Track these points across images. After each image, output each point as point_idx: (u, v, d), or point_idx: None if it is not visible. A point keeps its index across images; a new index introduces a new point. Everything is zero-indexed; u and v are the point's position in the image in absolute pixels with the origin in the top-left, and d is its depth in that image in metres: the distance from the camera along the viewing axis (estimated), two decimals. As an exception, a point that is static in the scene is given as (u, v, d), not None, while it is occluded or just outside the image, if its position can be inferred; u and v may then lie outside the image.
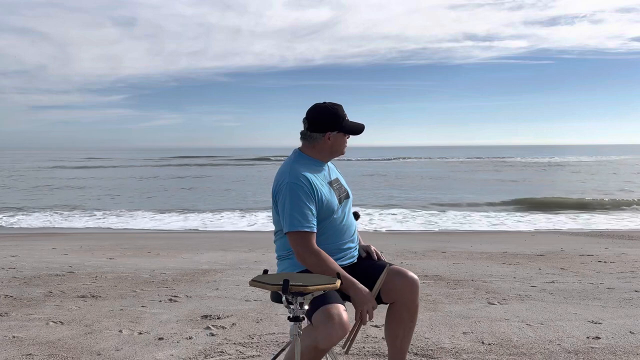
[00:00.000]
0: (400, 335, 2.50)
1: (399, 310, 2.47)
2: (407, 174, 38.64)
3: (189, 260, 7.09)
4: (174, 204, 19.75)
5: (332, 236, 2.46)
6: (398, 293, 2.43)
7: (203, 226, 14.17)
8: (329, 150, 2.52)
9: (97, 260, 7.04)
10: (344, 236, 2.51)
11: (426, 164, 58.38)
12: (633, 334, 3.60)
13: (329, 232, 2.45)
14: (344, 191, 2.56)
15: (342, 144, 2.54)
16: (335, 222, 2.46)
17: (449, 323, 3.86)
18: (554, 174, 38.53)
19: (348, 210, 2.56)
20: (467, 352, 3.24)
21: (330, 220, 2.44)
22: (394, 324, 2.50)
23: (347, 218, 2.54)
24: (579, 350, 3.26)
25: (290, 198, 2.33)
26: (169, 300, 4.60)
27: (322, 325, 2.15)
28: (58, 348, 3.30)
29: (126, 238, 10.80)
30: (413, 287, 2.44)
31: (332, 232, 2.46)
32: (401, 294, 2.43)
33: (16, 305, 4.37)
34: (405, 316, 2.47)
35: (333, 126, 2.48)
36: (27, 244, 9.22)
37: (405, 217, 15.53)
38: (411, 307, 2.46)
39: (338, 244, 2.48)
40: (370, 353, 3.22)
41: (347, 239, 2.51)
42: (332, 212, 2.43)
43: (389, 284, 2.42)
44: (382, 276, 2.41)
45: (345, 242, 2.51)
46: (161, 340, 3.46)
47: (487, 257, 7.40)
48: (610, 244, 9.14)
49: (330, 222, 2.44)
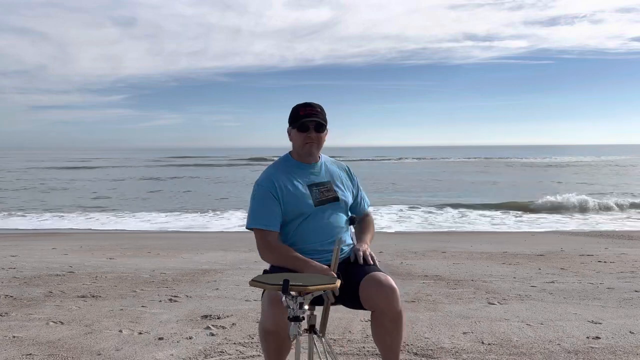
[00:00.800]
0: (387, 341, 2.46)
1: (379, 317, 2.43)
2: (407, 174, 38.65)
3: (189, 260, 7.09)
4: (174, 203, 19.75)
5: (307, 237, 2.51)
6: (375, 301, 2.38)
7: (202, 227, 14.18)
8: (295, 148, 2.63)
9: (97, 260, 7.04)
10: (321, 237, 2.52)
11: (426, 164, 58.41)
12: (633, 334, 3.60)
13: (303, 232, 2.51)
14: (331, 194, 2.57)
15: (297, 140, 2.58)
16: (308, 223, 2.51)
17: (449, 323, 3.86)
18: (557, 174, 38.51)
19: (331, 213, 2.56)
20: (467, 352, 3.24)
21: (302, 221, 2.51)
22: (378, 331, 2.48)
23: (328, 220, 2.54)
24: (579, 350, 3.26)
25: (253, 197, 2.55)
26: (169, 300, 4.60)
27: (265, 309, 2.30)
28: (58, 348, 3.30)
29: (126, 238, 10.80)
30: (389, 295, 2.36)
31: (306, 233, 2.51)
32: (378, 302, 2.37)
33: (16, 305, 4.37)
34: (387, 324, 2.41)
35: (289, 122, 2.60)
36: (27, 244, 9.22)
37: (405, 217, 15.53)
38: (391, 314, 2.39)
39: (314, 245, 2.50)
40: (370, 353, 3.22)
41: (325, 240, 2.52)
42: (300, 213, 2.50)
43: (364, 292, 2.38)
44: (334, 253, 2.40)
45: (323, 243, 2.51)
46: (161, 340, 3.46)
47: (487, 257, 7.40)
48: (610, 244, 9.14)
49: (303, 223, 2.51)
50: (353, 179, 2.75)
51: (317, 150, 2.61)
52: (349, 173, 2.74)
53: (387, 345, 2.46)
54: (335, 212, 2.59)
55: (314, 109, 2.55)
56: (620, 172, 39.59)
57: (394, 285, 2.38)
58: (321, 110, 2.58)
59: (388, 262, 6.91)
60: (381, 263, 2.66)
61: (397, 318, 2.40)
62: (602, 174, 36.67)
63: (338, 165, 2.74)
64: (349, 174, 2.74)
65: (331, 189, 2.60)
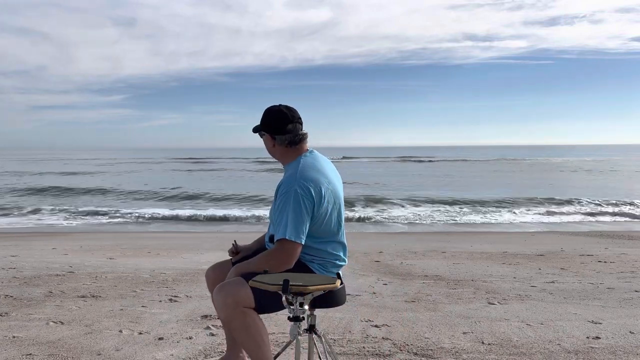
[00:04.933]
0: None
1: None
2: (407, 175, 38.65)
3: (189, 260, 7.09)
4: (173, 203, 19.76)
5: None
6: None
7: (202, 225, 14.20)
8: None
9: (97, 260, 7.04)
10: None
11: (426, 163, 58.36)
12: (633, 334, 3.60)
13: None
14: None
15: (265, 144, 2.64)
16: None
17: (449, 323, 3.86)
18: (559, 174, 38.52)
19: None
20: (467, 352, 3.24)
21: None
22: None
23: (272, 227, 2.57)
24: (579, 350, 3.26)
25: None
26: (169, 300, 4.60)
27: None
28: (58, 348, 3.30)
29: (126, 238, 10.80)
30: (216, 300, 2.41)
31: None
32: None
33: (16, 305, 4.37)
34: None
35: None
36: (27, 244, 9.22)
37: (405, 217, 15.53)
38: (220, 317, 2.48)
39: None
40: (371, 353, 3.22)
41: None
42: None
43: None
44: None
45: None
46: (161, 340, 3.46)
47: (487, 257, 7.40)
48: (610, 244, 9.14)
49: None
50: (276, 198, 2.47)
51: (271, 154, 2.63)
52: (276, 191, 2.48)
53: (243, 348, 2.49)
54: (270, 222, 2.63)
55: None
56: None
57: (221, 292, 2.36)
58: (264, 115, 2.58)
59: (388, 262, 6.91)
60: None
61: (225, 322, 2.45)
62: (600, 175, 36.65)
63: (282, 179, 2.50)
64: (276, 191, 2.48)
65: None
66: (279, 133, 2.53)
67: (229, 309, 2.31)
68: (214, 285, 2.67)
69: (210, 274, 2.76)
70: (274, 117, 2.54)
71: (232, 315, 2.31)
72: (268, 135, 2.56)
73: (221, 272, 2.69)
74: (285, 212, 2.35)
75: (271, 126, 2.54)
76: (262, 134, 2.60)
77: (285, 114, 2.54)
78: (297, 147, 2.54)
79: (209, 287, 2.77)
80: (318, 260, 2.50)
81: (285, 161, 2.57)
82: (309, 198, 2.36)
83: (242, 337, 2.33)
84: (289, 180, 2.41)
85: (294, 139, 2.52)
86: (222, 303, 2.32)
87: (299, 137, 2.53)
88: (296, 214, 2.34)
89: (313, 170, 2.45)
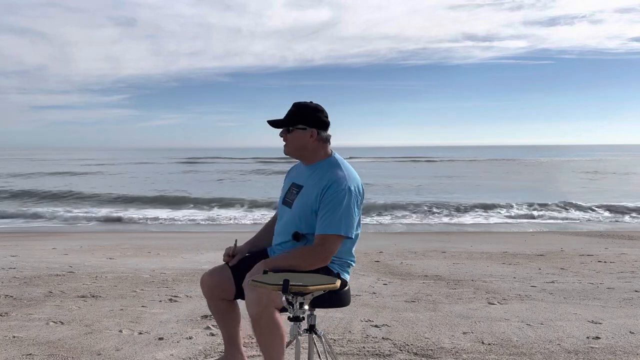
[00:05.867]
0: (259, 342, 2.51)
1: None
2: (406, 174, 38.64)
3: (189, 260, 7.09)
4: (174, 202, 19.75)
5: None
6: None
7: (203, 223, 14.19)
8: None
9: (97, 260, 7.04)
10: (275, 236, 2.65)
11: (426, 163, 58.36)
12: (633, 334, 3.60)
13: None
14: (292, 198, 2.56)
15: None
16: (278, 219, 2.69)
17: (449, 323, 3.86)
18: (560, 174, 38.52)
19: (288, 218, 2.56)
20: (467, 352, 3.24)
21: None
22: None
23: (284, 222, 2.57)
24: (579, 350, 3.26)
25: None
26: (169, 300, 4.60)
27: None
28: (58, 348, 3.30)
29: (126, 238, 10.80)
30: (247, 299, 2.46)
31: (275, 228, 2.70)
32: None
33: (16, 305, 4.37)
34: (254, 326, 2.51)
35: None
36: (27, 244, 9.21)
37: (405, 216, 15.53)
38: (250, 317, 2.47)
39: (274, 241, 2.67)
40: (371, 353, 3.22)
41: (274, 240, 2.65)
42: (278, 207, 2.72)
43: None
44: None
45: (272, 242, 2.67)
46: (161, 340, 3.46)
47: (487, 257, 7.40)
48: (610, 244, 9.14)
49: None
50: (322, 195, 2.41)
51: (288, 150, 2.57)
52: (324, 188, 2.42)
53: (260, 346, 2.46)
54: (290, 218, 2.54)
55: (289, 110, 2.55)
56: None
57: (250, 288, 2.33)
58: (293, 110, 2.53)
59: (388, 262, 6.91)
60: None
61: (254, 320, 2.37)
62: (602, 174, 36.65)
63: (329, 177, 2.45)
64: (324, 188, 2.42)
65: (298, 193, 2.53)
66: (323, 128, 2.54)
67: (261, 307, 2.27)
68: (210, 291, 2.65)
69: (207, 279, 2.68)
70: (318, 111, 2.53)
71: (262, 313, 2.28)
72: (310, 130, 2.49)
73: (219, 279, 2.65)
74: (337, 209, 2.37)
75: (319, 121, 2.51)
76: (298, 128, 2.49)
77: (324, 110, 2.57)
78: (328, 145, 2.58)
79: (204, 293, 2.71)
80: (338, 261, 2.50)
81: (315, 158, 2.54)
82: (359, 197, 2.47)
83: (266, 335, 2.32)
84: (338, 179, 2.42)
85: (329, 137, 2.57)
86: (255, 300, 2.28)
87: (330, 136, 2.60)
88: (351, 211, 2.39)
89: (353, 171, 2.54)
